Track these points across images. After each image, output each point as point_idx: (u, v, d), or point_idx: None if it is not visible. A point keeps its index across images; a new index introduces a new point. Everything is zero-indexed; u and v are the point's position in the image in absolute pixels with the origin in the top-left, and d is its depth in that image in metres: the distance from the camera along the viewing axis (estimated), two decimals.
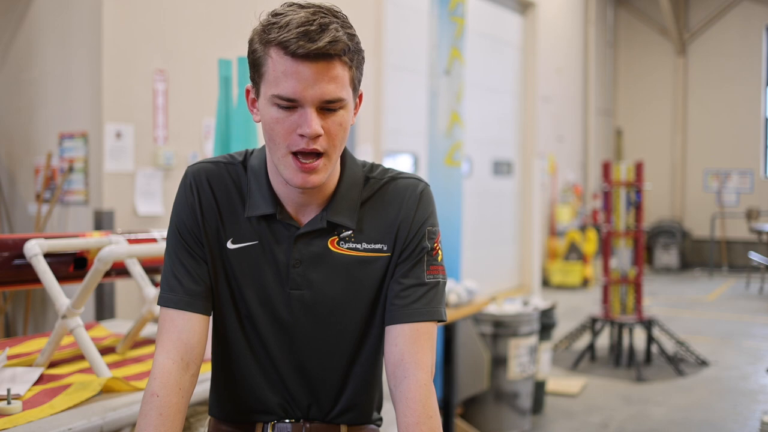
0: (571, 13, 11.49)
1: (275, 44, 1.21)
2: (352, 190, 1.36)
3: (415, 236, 1.36)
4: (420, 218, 1.37)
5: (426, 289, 1.35)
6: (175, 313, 1.33)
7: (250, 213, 1.34)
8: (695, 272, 12.31)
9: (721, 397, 5.28)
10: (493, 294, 6.91)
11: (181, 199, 1.37)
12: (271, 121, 1.25)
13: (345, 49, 1.22)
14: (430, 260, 1.37)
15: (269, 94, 1.24)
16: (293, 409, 1.39)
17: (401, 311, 1.34)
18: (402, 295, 1.34)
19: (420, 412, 1.27)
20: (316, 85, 1.21)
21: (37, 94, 4.55)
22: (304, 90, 1.21)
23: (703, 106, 12.84)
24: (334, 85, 1.22)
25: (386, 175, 1.40)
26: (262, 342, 1.37)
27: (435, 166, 4.54)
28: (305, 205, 1.34)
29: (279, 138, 1.25)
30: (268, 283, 1.35)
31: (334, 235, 1.35)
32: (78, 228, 4.30)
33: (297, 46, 1.19)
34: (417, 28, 7.06)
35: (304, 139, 1.23)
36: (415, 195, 1.38)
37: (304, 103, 1.22)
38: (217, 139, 2.84)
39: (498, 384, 4.41)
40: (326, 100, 1.22)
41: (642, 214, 6.17)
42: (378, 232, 1.36)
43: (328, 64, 1.21)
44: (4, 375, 1.92)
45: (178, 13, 4.67)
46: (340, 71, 1.23)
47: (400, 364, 1.31)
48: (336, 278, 1.35)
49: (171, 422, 1.26)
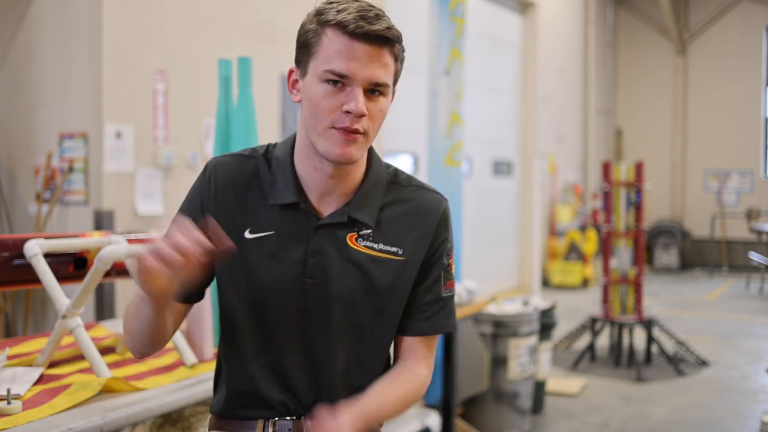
0: (571, 13, 11.49)
1: (333, 24, 1.27)
2: (375, 190, 1.40)
3: (437, 252, 1.43)
4: (443, 236, 1.44)
5: (443, 303, 1.45)
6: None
7: (274, 201, 1.37)
8: (695, 272, 12.31)
9: (721, 397, 5.28)
10: (493, 294, 6.90)
11: (197, 188, 1.42)
12: (317, 96, 1.28)
13: (398, 38, 1.30)
14: (447, 275, 1.46)
15: (321, 70, 1.27)
16: (295, 407, 1.40)
17: (422, 325, 1.44)
18: (422, 309, 1.43)
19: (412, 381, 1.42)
20: (369, 66, 1.27)
21: (37, 94, 4.55)
22: (357, 69, 1.26)
23: (703, 106, 12.84)
24: (383, 70, 1.28)
25: (411, 183, 1.46)
26: (271, 336, 1.39)
27: (435, 166, 4.54)
28: (329, 193, 1.37)
29: (324, 113, 1.28)
30: (284, 271, 1.37)
31: (353, 231, 1.38)
32: (78, 228, 4.30)
33: (356, 26, 1.25)
34: (417, 28, 7.06)
35: (349, 116, 1.27)
36: (440, 212, 1.44)
37: (354, 81, 1.27)
38: (217, 140, 2.84)
39: (498, 384, 4.41)
40: (375, 82, 1.28)
41: (642, 214, 6.17)
42: (396, 236, 1.40)
43: (381, 49, 1.27)
44: (4, 375, 1.92)
45: (178, 13, 4.67)
46: (389, 59, 1.30)
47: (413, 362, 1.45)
48: (349, 272, 1.37)
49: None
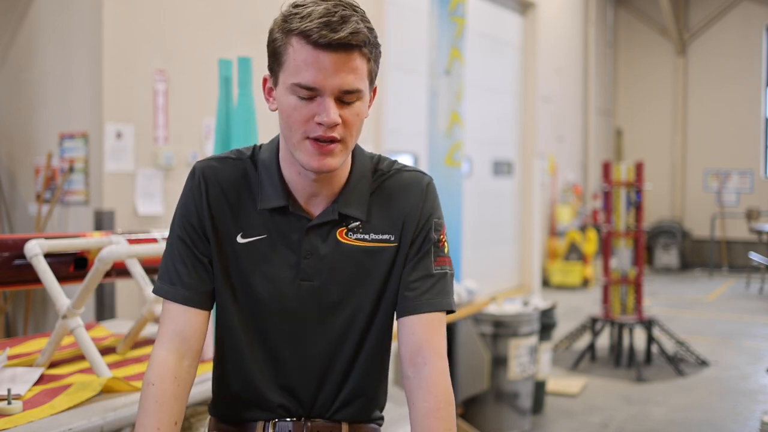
0: (571, 13, 11.49)
1: (297, 33, 1.23)
2: (362, 182, 1.39)
3: (423, 228, 1.39)
4: (427, 211, 1.40)
5: (435, 280, 1.38)
6: (173, 306, 1.36)
7: (263, 206, 1.36)
8: (695, 272, 12.31)
9: (721, 397, 5.28)
10: (493, 294, 6.90)
11: (188, 193, 1.39)
12: (289, 108, 1.26)
13: (365, 41, 1.25)
14: (437, 252, 1.40)
15: (289, 83, 1.25)
16: (295, 408, 1.39)
17: (413, 302, 1.37)
18: (412, 287, 1.37)
19: (441, 398, 1.31)
20: (336, 75, 1.23)
21: (37, 94, 4.55)
22: (324, 79, 1.23)
23: (703, 106, 12.84)
24: (353, 75, 1.25)
25: (393, 167, 1.43)
26: (268, 337, 1.38)
27: (435, 166, 4.54)
28: (316, 195, 1.36)
29: (296, 125, 1.26)
30: (279, 275, 1.36)
31: (342, 226, 1.37)
32: (78, 228, 4.30)
33: (319, 36, 1.21)
34: (417, 28, 7.06)
35: (322, 127, 1.25)
36: (421, 187, 1.40)
37: (323, 92, 1.24)
38: (217, 139, 2.84)
39: (498, 384, 4.41)
40: (345, 90, 1.24)
41: (642, 214, 6.17)
42: (385, 223, 1.38)
43: (348, 55, 1.23)
44: (5, 375, 1.92)
45: (178, 13, 4.67)
46: (359, 63, 1.25)
47: (419, 352, 1.34)
48: (345, 268, 1.37)
49: (168, 408, 1.29)
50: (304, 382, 1.39)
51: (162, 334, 1.35)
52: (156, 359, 1.33)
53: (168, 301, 1.36)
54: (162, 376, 1.31)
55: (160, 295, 1.38)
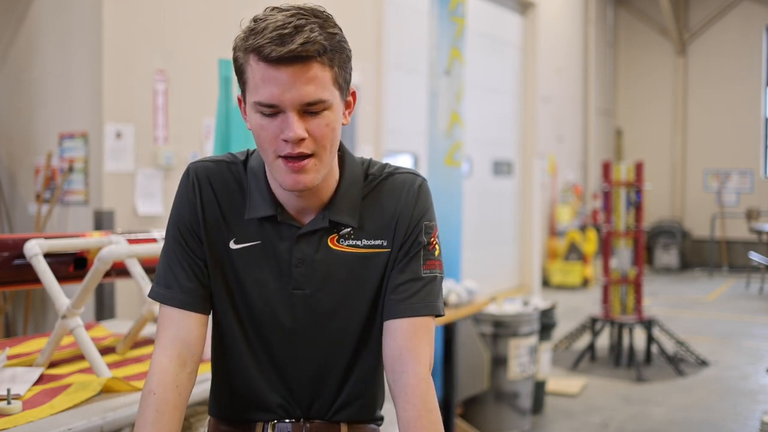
0: (571, 13, 11.49)
1: (251, 51, 1.20)
2: (352, 188, 1.36)
3: (413, 231, 1.36)
4: (418, 213, 1.37)
5: (422, 283, 1.35)
6: (171, 310, 1.33)
7: (251, 215, 1.34)
8: (695, 272, 12.31)
9: (721, 397, 5.28)
10: (493, 294, 6.91)
11: (182, 194, 1.37)
12: (256, 127, 1.24)
13: (320, 50, 1.20)
14: (427, 255, 1.37)
15: (251, 102, 1.24)
16: (294, 409, 1.39)
17: (398, 306, 1.33)
18: (399, 290, 1.34)
19: (420, 406, 1.28)
20: (293, 88, 1.19)
21: (37, 94, 4.55)
22: (282, 94, 1.20)
23: (703, 106, 12.84)
24: (313, 86, 1.20)
25: (384, 170, 1.40)
26: (264, 342, 1.37)
27: (435, 166, 4.54)
28: (305, 208, 1.34)
29: (266, 144, 1.24)
30: (271, 283, 1.35)
31: (333, 233, 1.35)
32: (78, 228, 4.29)
33: (270, 50, 1.18)
34: (417, 28, 7.06)
35: (289, 144, 1.22)
36: (413, 190, 1.38)
37: (284, 107, 1.21)
38: (217, 139, 2.84)
39: (498, 384, 4.41)
40: (306, 102, 1.21)
41: (642, 214, 6.17)
42: (377, 228, 1.36)
43: (303, 66, 1.19)
44: (4, 375, 1.92)
45: (178, 13, 4.67)
46: (318, 72, 1.20)
47: (399, 359, 1.31)
48: (338, 276, 1.35)
49: (168, 418, 1.28)
50: (303, 384, 1.38)
51: (162, 339, 1.33)
52: (157, 366, 1.31)
53: (166, 306, 1.34)
54: (164, 385, 1.29)
55: (157, 299, 1.35)
